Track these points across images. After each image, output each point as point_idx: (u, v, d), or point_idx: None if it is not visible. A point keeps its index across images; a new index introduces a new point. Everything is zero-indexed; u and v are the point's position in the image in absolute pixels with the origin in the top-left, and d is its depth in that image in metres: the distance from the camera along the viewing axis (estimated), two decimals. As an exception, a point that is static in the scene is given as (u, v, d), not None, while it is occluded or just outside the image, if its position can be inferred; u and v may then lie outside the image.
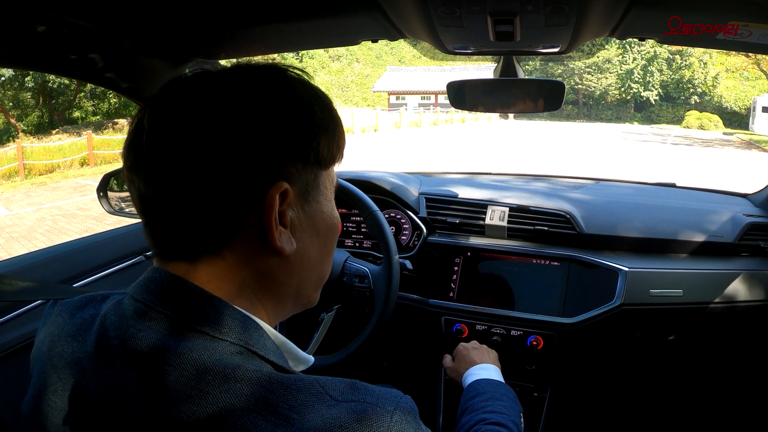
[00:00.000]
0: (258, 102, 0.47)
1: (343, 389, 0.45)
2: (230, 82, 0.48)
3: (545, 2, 0.77)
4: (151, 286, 0.47)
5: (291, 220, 0.49)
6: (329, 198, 0.55)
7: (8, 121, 17.99)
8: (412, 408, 0.46)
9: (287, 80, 0.51)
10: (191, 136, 0.45)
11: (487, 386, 0.98)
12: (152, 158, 0.46)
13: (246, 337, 0.46)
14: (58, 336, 0.52)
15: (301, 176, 0.50)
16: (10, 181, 11.46)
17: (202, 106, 0.46)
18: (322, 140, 0.51)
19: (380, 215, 1.23)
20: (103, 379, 0.45)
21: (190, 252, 0.47)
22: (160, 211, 0.47)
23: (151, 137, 0.46)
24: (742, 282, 1.35)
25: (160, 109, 0.47)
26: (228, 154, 0.45)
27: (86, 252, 1.29)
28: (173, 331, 0.44)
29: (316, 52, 38.17)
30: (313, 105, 0.51)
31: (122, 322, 0.46)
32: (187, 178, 0.45)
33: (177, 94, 0.48)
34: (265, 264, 0.49)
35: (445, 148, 16.42)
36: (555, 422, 1.41)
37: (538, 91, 1.20)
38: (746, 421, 1.68)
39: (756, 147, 19.98)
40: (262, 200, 0.47)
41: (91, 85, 12.40)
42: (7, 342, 1.02)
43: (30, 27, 0.75)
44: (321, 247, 0.55)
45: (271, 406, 0.41)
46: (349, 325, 1.30)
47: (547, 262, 1.41)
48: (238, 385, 0.42)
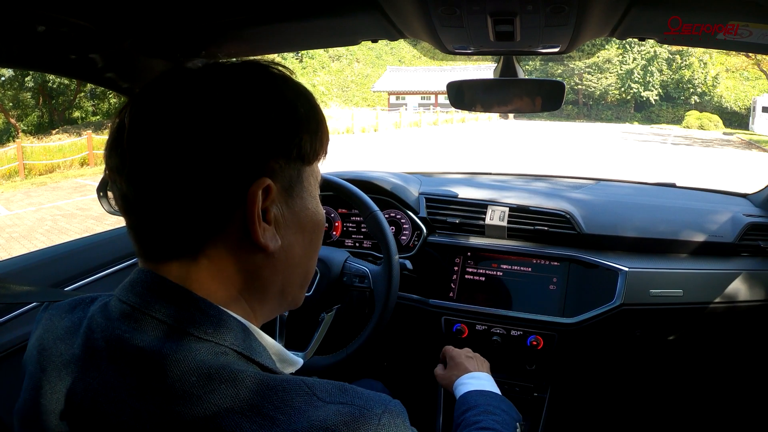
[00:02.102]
0: (239, 98, 0.47)
1: (331, 391, 0.44)
2: (211, 79, 0.48)
3: (545, 2, 0.77)
4: (137, 288, 0.47)
5: (275, 216, 0.49)
6: (314, 194, 0.55)
7: (8, 121, 17.99)
8: (401, 412, 0.46)
9: (269, 77, 0.51)
10: (172, 134, 0.45)
11: (480, 398, 0.93)
12: (133, 157, 0.46)
13: (231, 338, 0.46)
14: (47, 339, 0.52)
15: (284, 172, 0.49)
16: (10, 181, 11.45)
17: (183, 104, 0.46)
18: (305, 136, 0.51)
19: (380, 215, 1.23)
20: (90, 381, 0.45)
21: (174, 252, 0.47)
22: (143, 211, 0.47)
23: (132, 136, 0.46)
24: (742, 282, 1.35)
25: (141, 107, 0.47)
26: (209, 151, 0.45)
27: (81, 254, 1.29)
28: (158, 332, 0.44)
29: (316, 52, 38.17)
30: (295, 101, 0.51)
31: (108, 324, 0.46)
32: (168, 177, 0.45)
33: (157, 93, 0.47)
34: (250, 262, 0.49)
35: (445, 148, 16.41)
36: (555, 422, 1.41)
37: (538, 91, 1.20)
38: (746, 421, 1.68)
39: (756, 147, 19.97)
40: (245, 197, 0.46)
41: (91, 85, 12.40)
42: (1, 345, 1.02)
43: (30, 27, 0.75)
44: (306, 244, 0.54)
45: (255, 408, 0.41)
46: (349, 325, 1.30)
47: (547, 262, 1.41)
48: (222, 387, 0.41)
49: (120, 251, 1.35)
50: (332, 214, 1.63)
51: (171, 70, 0.49)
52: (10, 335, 1.03)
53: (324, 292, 1.27)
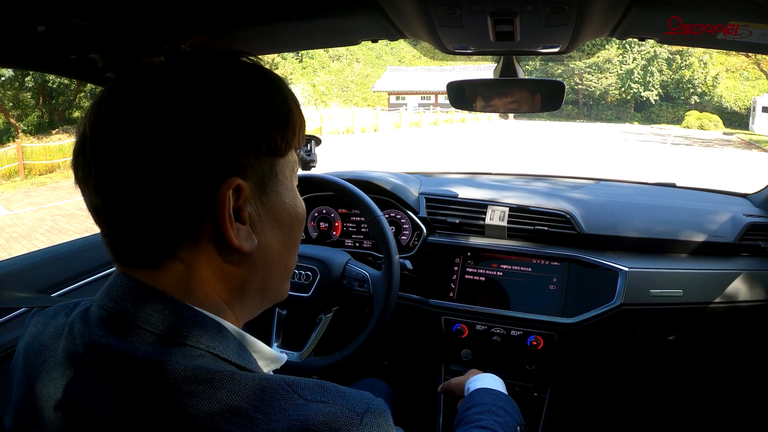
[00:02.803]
0: (199, 95, 0.45)
1: (313, 389, 0.44)
2: (167, 78, 0.46)
3: (545, 2, 0.77)
4: (113, 293, 0.47)
5: (249, 215, 0.48)
6: (290, 186, 0.52)
7: (8, 121, 17.99)
8: (384, 410, 0.45)
9: (234, 68, 0.48)
10: (132, 140, 0.43)
11: (486, 397, 0.94)
12: (98, 167, 0.44)
13: (207, 340, 0.45)
14: (31, 346, 0.52)
15: (254, 168, 0.47)
16: (10, 181, 11.45)
17: (141, 107, 0.44)
18: (274, 128, 0.48)
19: (383, 221, 1.22)
20: (71, 387, 0.45)
21: (148, 259, 0.46)
22: (113, 221, 0.46)
23: (94, 146, 0.45)
24: (742, 282, 1.35)
25: (100, 114, 0.45)
26: (172, 153, 0.43)
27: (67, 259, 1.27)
28: (135, 337, 0.44)
29: (316, 52, 38.16)
30: (261, 91, 0.48)
31: (87, 330, 0.46)
32: (134, 185, 0.44)
33: (114, 97, 0.45)
34: (226, 263, 0.48)
35: (445, 148, 16.41)
36: (555, 422, 1.41)
37: (538, 91, 1.20)
38: (746, 421, 1.68)
39: (756, 147, 19.98)
40: (214, 199, 0.45)
41: (91, 85, 12.37)
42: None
43: (30, 27, 0.75)
44: (285, 239, 0.53)
45: (233, 408, 0.41)
46: (347, 328, 1.30)
47: (547, 262, 1.41)
48: (200, 389, 0.41)
49: (103, 258, 1.34)
50: (332, 214, 1.63)
51: (129, 70, 0.47)
52: (0, 339, 1.03)
53: (323, 293, 1.27)
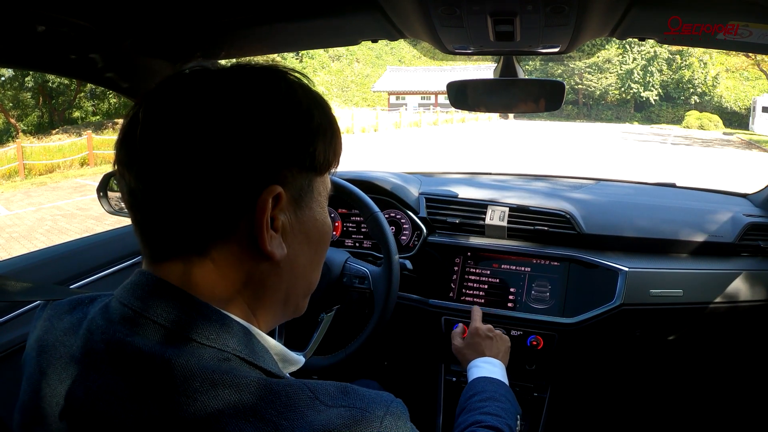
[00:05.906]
0: (256, 104, 0.47)
1: (334, 394, 0.44)
2: (229, 82, 0.48)
3: (545, 2, 0.77)
4: (138, 291, 0.47)
5: (283, 224, 0.49)
6: (322, 205, 0.54)
7: (8, 121, 17.99)
8: (403, 412, 0.46)
9: (287, 83, 0.50)
10: (185, 134, 0.45)
11: (488, 385, 0.98)
12: (145, 152, 0.45)
13: (234, 343, 0.45)
14: (46, 340, 0.51)
15: (295, 181, 0.49)
16: (10, 181, 11.46)
17: (199, 104, 0.46)
18: (319, 146, 0.50)
19: (381, 217, 1.23)
20: (90, 384, 0.45)
21: (179, 250, 0.47)
22: (150, 207, 0.46)
23: (145, 131, 0.45)
24: (742, 282, 1.35)
25: (156, 104, 0.46)
26: (222, 154, 0.45)
27: (84, 253, 1.29)
28: (160, 337, 0.44)
29: (316, 52, 38.14)
30: (312, 110, 0.50)
31: (108, 327, 0.46)
32: (178, 175, 0.45)
33: (174, 90, 0.47)
34: (255, 268, 0.49)
35: (445, 148, 16.41)
36: (555, 422, 1.41)
37: (538, 91, 1.20)
38: (746, 421, 1.68)
39: (756, 147, 19.97)
40: (254, 203, 0.46)
41: (91, 85, 12.39)
42: (5, 343, 1.02)
43: (30, 27, 0.75)
44: (312, 254, 0.54)
45: (258, 413, 0.41)
46: (349, 326, 1.30)
47: (547, 262, 1.41)
48: (225, 392, 0.41)
49: (120, 251, 1.35)
50: (332, 214, 1.63)
51: (190, 69, 0.49)
52: (11, 334, 1.03)
53: (324, 292, 1.27)
